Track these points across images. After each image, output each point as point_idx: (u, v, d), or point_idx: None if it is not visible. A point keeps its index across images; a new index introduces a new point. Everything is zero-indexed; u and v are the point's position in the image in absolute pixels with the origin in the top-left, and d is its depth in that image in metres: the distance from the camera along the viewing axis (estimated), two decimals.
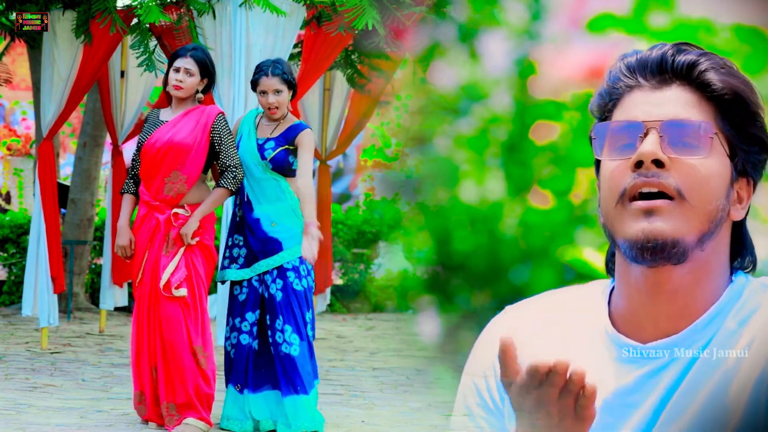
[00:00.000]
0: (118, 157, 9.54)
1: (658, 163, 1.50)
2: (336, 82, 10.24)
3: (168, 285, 5.92)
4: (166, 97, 6.22)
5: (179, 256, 5.94)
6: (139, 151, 6.09)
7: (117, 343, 9.30)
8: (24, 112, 16.50)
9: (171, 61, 6.07)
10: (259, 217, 6.10)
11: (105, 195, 10.96)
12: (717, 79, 1.53)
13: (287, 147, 6.06)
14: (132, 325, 6.13)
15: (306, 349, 6.10)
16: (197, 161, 5.99)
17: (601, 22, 2.26)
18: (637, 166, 1.51)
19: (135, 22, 8.23)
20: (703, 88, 1.54)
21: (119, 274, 9.60)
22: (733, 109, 1.54)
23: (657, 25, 2.27)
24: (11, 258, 11.42)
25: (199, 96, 6.06)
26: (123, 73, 9.42)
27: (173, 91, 5.99)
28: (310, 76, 8.28)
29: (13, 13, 8.58)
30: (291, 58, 9.06)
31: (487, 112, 2.49)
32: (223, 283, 6.29)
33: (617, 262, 1.60)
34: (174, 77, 5.98)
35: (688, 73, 1.54)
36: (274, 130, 6.11)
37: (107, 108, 9.46)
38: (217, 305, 7.75)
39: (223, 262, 6.22)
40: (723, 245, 1.57)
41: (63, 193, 10.95)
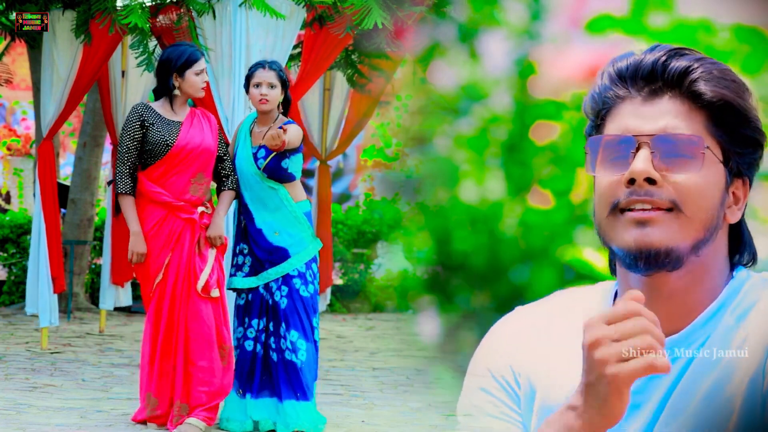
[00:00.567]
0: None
1: (651, 180, 1.50)
2: (336, 82, 10.24)
3: (207, 287, 5.96)
4: (158, 95, 6.14)
5: (212, 258, 6.00)
6: (136, 149, 6.03)
7: (117, 343, 9.30)
8: (24, 112, 16.50)
9: (188, 63, 6.03)
10: (261, 228, 6.09)
11: (105, 195, 10.96)
12: (708, 89, 1.53)
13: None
14: (147, 325, 6.08)
15: (312, 353, 6.09)
16: (213, 165, 6.18)
17: (600, 22, 2.26)
18: (630, 182, 1.52)
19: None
20: (693, 97, 1.53)
21: (119, 274, 9.60)
22: (724, 116, 1.54)
23: (656, 26, 2.27)
24: (11, 258, 11.42)
25: (201, 93, 6.14)
26: (123, 73, 9.42)
27: (201, 94, 6.07)
28: (310, 76, 8.27)
29: (13, 13, 8.58)
30: (291, 59, 9.06)
31: (487, 112, 2.49)
32: (232, 290, 6.28)
33: (618, 266, 1.60)
34: (201, 79, 6.03)
35: (680, 82, 1.53)
36: (265, 137, 6.04)
37: (107, 108, 9.46)
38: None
39: (230, 270, 6.21)
40: (720, 247, 1.57)
41: (63, 193, 10.95)
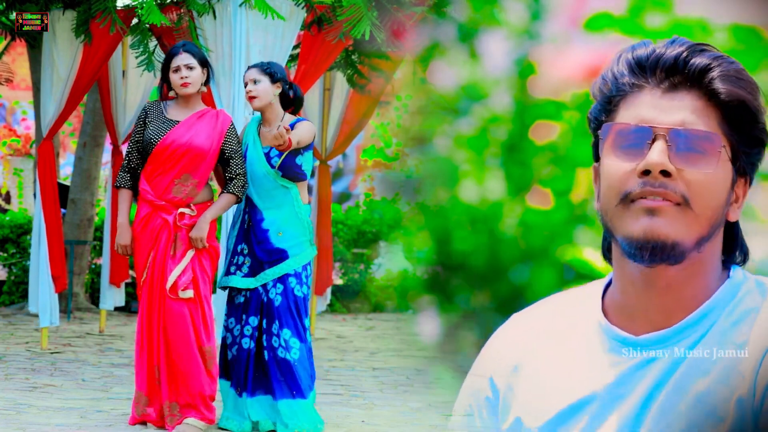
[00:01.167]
0: (118, 157, 9.52)
1: (665, 172, 1.52)
2: (336, 82, 10.23)
3: (174, 287, 5.93)
4: (165, 95, 6.18)
5: (187, 259, 5.95)
6: (135, 145, 6.06)
7: (117, 343, 9.30)
8: (24, 112, 16.50)
9: (167, 63, 6.06)
10: (268, 228, 6.09)
11: (105, 195, 10.96)
12: (725, 88, 1.54)
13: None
14: (137, 325, 6.13)
15: (306, 352, 6.09)
16: (209, 166, 6.05)
17: (599, 21, 2.26)
18: (644, 173, 1.53)
19: (135, 22, 8.22)
20: (710, 95, 1.55)
21: (116, 274, 9.61)
22: (737, 115, 1.56)
23: (653, 25, 2.27)
24: (11, 258, 11.42)
25: (202, 88, 6.07)
26: (123, 73, 9.42)
27: (182, 89, 5.98)
28: (309, 76, 8.27)
29: (13, 13, 8.58)
30: (291, 59, 9.05)
31: (487, 112, 2.49)
32: (224, 289, 6.28)
33: (614, 255, 1.61)
34: (178, 76, 5.98)
35: (699, 79, 1.55)
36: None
37: (107, 108, 9.46)
38: (216, 306, 7.73)
39: (229, 268, 6.21)
40: (717, 244, 1.59)
41: (63, 193, 10.95)
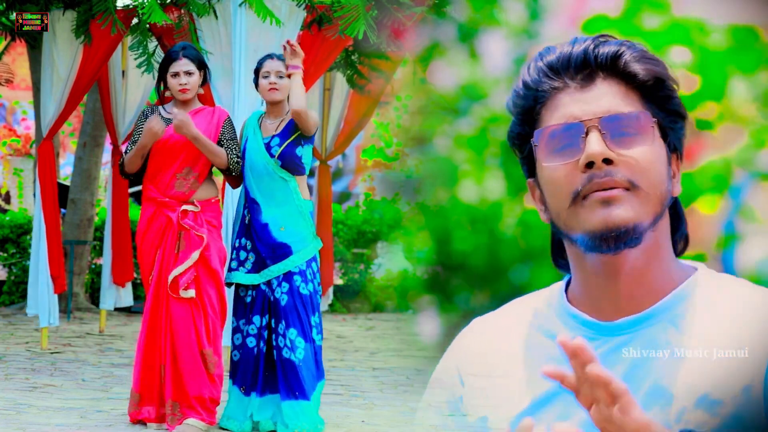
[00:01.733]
0: (117, 157, 9.53)
1: (607, 160, 1.53)
2: (336, 82, 10.24)
3: (175, 285, 5.94)
4: (162, 97, 6.21)
5: (192, 260, 5.96)
6: (135, 144, 6.10)
7: (117, 343, 9.30)
8: (24, 112, 16.51)
9: (165, 66, 6.08)
10: (268, 222, 6.10)
11: (105, 195, 10.96)
12: (640, 68, 1.57)
13: (292, 138, 6.07)
14: (142, 324, 6.14)
15: (311, 352, 6.08)
16: (205, 159, 6.09)
17: (597, 23, 2.26)
18: (587, 166, 1.54)
19: (135, 23, 8.23)
20: (628, 78, 1.57)
21: (120, 274, 9.61)
22: (656, 93, 1.58)
23: (651, 26, 2.27)
24: (11, 258, 11.42)
25: (199, 90, 6.11)
26: (123, 73, 9.42)
27: (181, 95, 6.04)
28: (309, 76, 8.26)
29: (13, 13, 8.58)
30: None
31: (487, 112, 2.49)
32: (229, 285, 6.28)
33: (570, 254, 1.63)
34: (177, 82, 6.02)
35: (613, 66, 1.57)
36: (278, 127, 6.13)
37: (107, 108, 9.46)
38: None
39: (231, 264, 6.22)
40: (666, 223, 1.62)
41: (63, 193, 10.95)
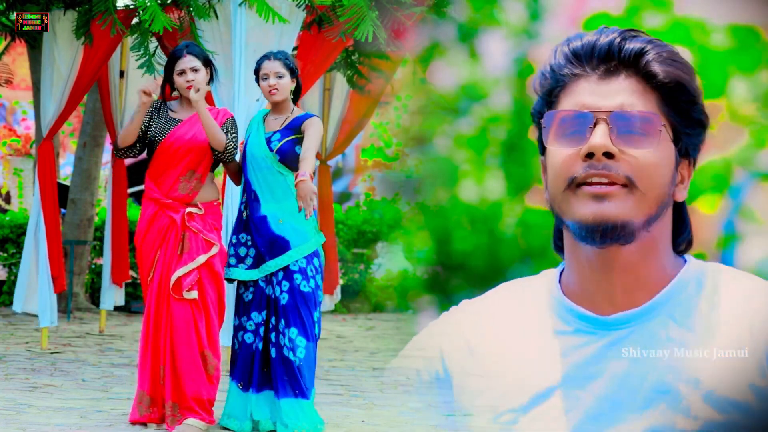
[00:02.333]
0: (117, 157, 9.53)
1: (608, 154, 1.54)
2: (336, 82, 10.24)
3: (179, 286, 5.94)
4: (168, 95, 6.21)
5: (197, 263, 5.96)
6: (138, 137, 6.10)
7: (117, 343, 9.30)
8: (24, 112, 16.50)
9: (170, 65, 6.07)
10: (266, 215, 6.10)
11: (105, 195, 10.96)
12: (661, 69, 1.57)
13: (294, 136, 6.08)
14: (142, 324, 6.14)
15: (312, 351, 6.08)
16: (211, 160, 6.11)
17: (597, 21, 2.26)
18: (588, 156, 1.55)
19: (135, 23, 8.22)
20: (648, 78, 1.57)
21: (118, 274, 9.61)
22: (676, 97, 1.58)
23: (653, 25, 2.27)
24: (11, 258, 11.42)
25: (207, 87, 6.09)
26: (123, 73, 9.42)
27: (189, 92, 6.00)
28: (309, 76, 8.27)
29: (14, 13, 8.58)
30: None
31: (487, 112, 2.49)
32: (230, 282, 6.28)
33: (566, 242, 1.63)
34: (184, 79, 6.00)
35: (635, 63, 1.57)
36: (282, 124, 6.15)
37: (107, 108, 9.46)
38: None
39: (229, 260, 6.22)
40: (667, 224, 1.61)
41: (63, 193, 10.95)
